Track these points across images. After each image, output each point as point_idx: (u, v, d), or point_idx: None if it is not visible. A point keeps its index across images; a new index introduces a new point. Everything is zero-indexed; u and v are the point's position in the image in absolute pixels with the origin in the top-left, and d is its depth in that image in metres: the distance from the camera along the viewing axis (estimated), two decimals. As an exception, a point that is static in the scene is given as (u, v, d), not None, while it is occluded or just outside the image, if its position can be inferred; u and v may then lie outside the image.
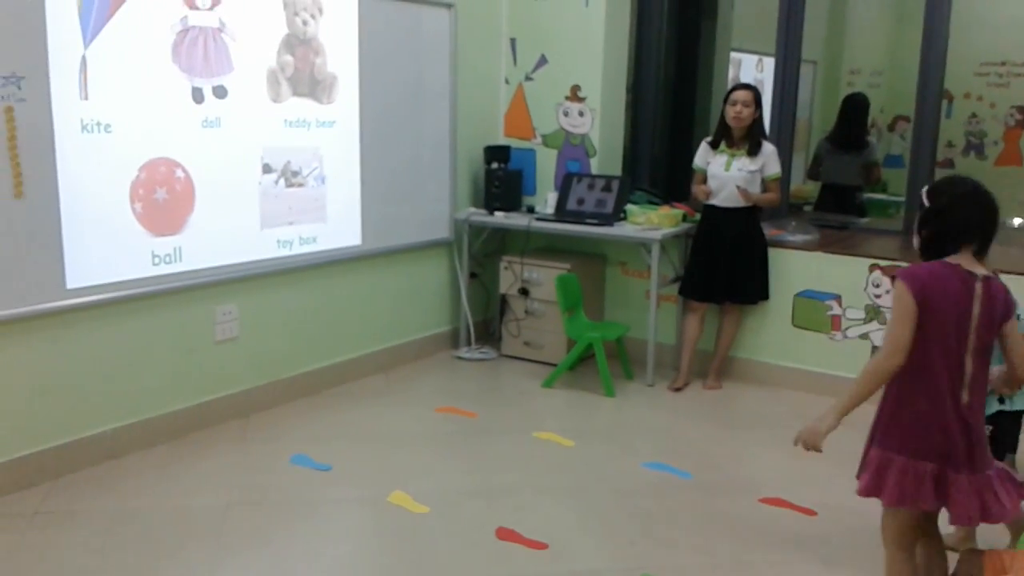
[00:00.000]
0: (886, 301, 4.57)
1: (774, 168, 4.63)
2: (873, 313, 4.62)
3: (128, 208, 3.58)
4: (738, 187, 4.56)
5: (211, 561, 2.93)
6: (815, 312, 4.77)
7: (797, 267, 4.80)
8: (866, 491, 2.49)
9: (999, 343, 2.41)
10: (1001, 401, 2.97)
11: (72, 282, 3.41)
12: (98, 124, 3.43)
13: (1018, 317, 2.52)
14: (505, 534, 3.15)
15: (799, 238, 4.93)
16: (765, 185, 4.66)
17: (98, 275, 3.50)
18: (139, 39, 3.53)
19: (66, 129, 3.32)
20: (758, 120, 4.60)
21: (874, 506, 3.37)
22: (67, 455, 3.48)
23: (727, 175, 4.61)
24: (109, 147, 3.48)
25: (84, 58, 3.36)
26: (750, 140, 4.59)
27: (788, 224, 5.16)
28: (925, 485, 2.37)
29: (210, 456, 3.73)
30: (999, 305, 2.36)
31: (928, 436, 2.37)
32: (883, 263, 4.58)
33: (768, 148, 4.63)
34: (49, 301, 3.35)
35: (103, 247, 3.50)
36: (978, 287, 2.34)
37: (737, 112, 4.54)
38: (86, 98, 3.38)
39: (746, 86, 4.68)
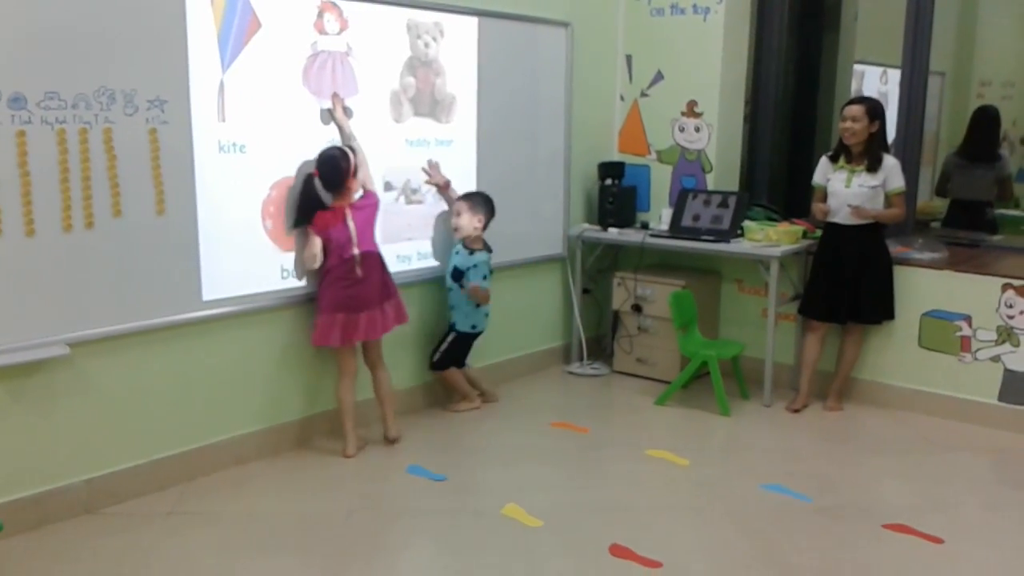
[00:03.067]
0: (1020, 322, 4.36)
1: (897, 182, 4.49)
2: (1006, 335, 4.41)
3: (260, 224, 3.75)
4: (849, 205, 4.44)
5: (332, 565, 3.03)
6: (943, 333, 4.59)
7: (924, 286, 4.63)
8: None
9: None
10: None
11: (208, 294, 3.60)
12: (234, 144, 3.62)
13: None
14: (619, 551, 3.15)
15: (926, 255, 4.76)
16: (888, 200, 4.52)
17: (232, 287, 3.68)
18: (272, 63, 3.71)
19: (205, 149, 3.52)
20: (876, 134, 4.47)
21: (1004, 534, 3.23)
22: (201, 459, 3.67)
23: (847, 191, 4.49)
24: (243, 166, 3.66)
25: (222, 82, 3.55)
26: (869, 155, 4.46)
27: (915, 241, 4.99)
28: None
29: (330, 464, 3.86)
30: None
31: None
32: (1017, 283, 4.37)
33: (890, 162, 4.49)
34: (186, 312, 3.54)
35: (236, 261, 3.68)
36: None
37: (847, 127, 4.43)
38: (223, 120, 3.57)
39: (859, 100, 4.55)
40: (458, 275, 4.43)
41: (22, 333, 3.08)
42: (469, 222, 4.40)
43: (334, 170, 3.80)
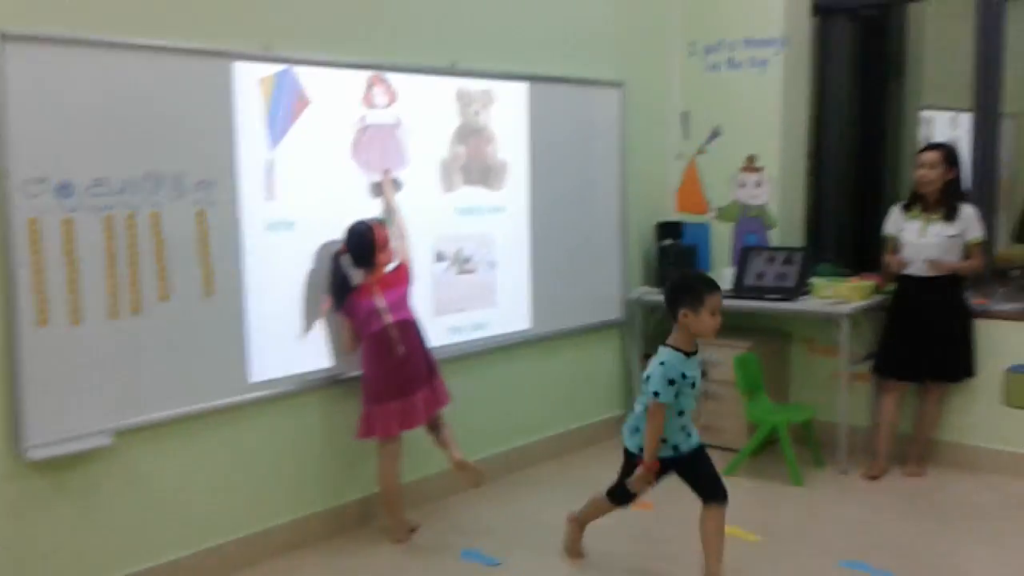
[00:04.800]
0: (1118, 380, 4.05)
1: (976, 232, 4.26)
2: (1102, 393, 4.10)
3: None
4: (927, 260, 4.22)
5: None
6: (1032, 390, 4.30)
7: (1007, 339, 4.37)
8: None
9: None
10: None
11: (255, 376, 3.54)
12: (282, 222, 3.59)
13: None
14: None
15: (1008, 307, 4.49)
16: (967, 250, 4.29)
17: (279, 368, 3.61)
18: (321, 139, 3.69)
19: (252, 229, 3.49)
20: (952, 181, 4.26)
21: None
22: (247, 548, 3.57)
23: (923, 242, 4.28)
24: (291, 243, 3.62)
25: (271, 160, 3.53)
26: (946, 203, 4.25)
27: (995, 291, 4.72)
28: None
29: (381, 551, 3.73)
30: None
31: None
32: (1110, 336, 4.08)
33: (967, 210, 4.27)
34: (233, 395, 3.48)
35: (284, 340, 3.62)
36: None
37: (923, 175, 4.24)
38: (272, 198, 3.55)
39: (935, 146, 4.36)
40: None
41: (66, 424, 3.04)
42: None
43: (361, 244, 3.64)
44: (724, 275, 5.07)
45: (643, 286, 5.25)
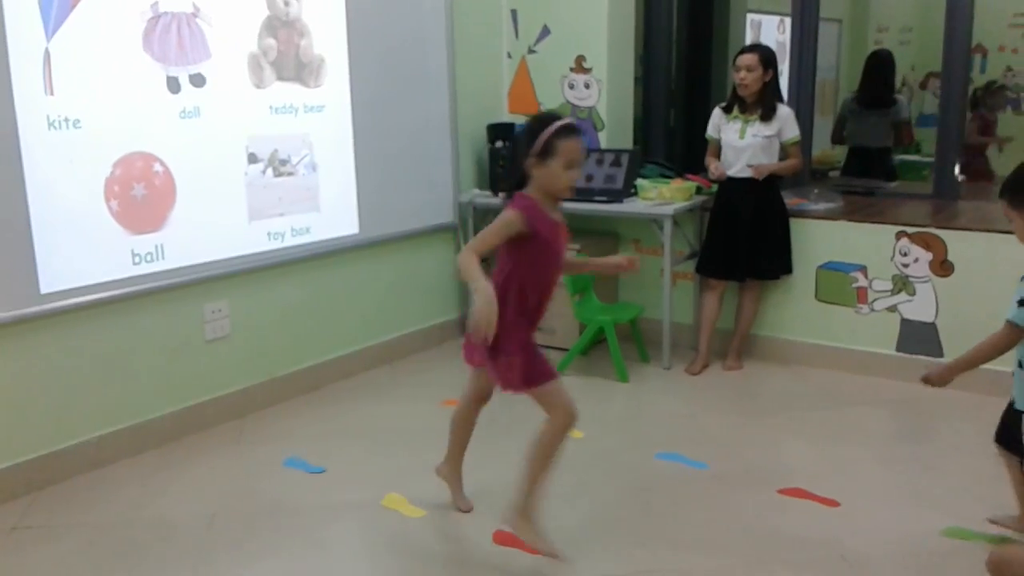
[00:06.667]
0: (915, 270, 4.29)
1: (792, 131, 4.37)
2: (901, 284, 4.34)
3: (103, 206, 3.42)
4: (750, 166, 4.32)
5: (191, 577, 2.78)
6: (839, 285, 4.51)
7: (820, 237, 4.54)
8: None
9: None
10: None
11: (46, 286, 3.27)
12: (66, 120, 3.27)
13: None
14: (504, 537, 2.96)
15: (821, 206, 4.67)
16: (785, 150, 4.40)
17: (74, 278, 3.35)
18: (106, 28, 3.36)
19: (31, 127, 3.16)
20: (770, 83, 4.33)
21: (899, 492, 3.15)
22: (50, 466, 3.35)
23: (742, 143, 4.36)
24: (79, 143, 3.31)
25: (47, 51, 3.19)
26: (763, 104, 4.33)
27: (810, 192, 4.90)
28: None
29: (201, 462, 3.59)
30: None
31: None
32: (911, 230, 4.29)
33: (784, 111, 4.36)
34: (23, 307, 3.20)
35: (78, 248, 3.35)
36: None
37: (742, 78, 4.29)
38: (51, 93, 3.22)
39: (752, 48, 4.41)
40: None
41: None
42: None
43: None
44: (555, 177, 5.04)
45: (475, 188, 5.17)
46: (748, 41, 6.37)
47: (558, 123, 2.65)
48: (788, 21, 5.12)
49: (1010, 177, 2.70)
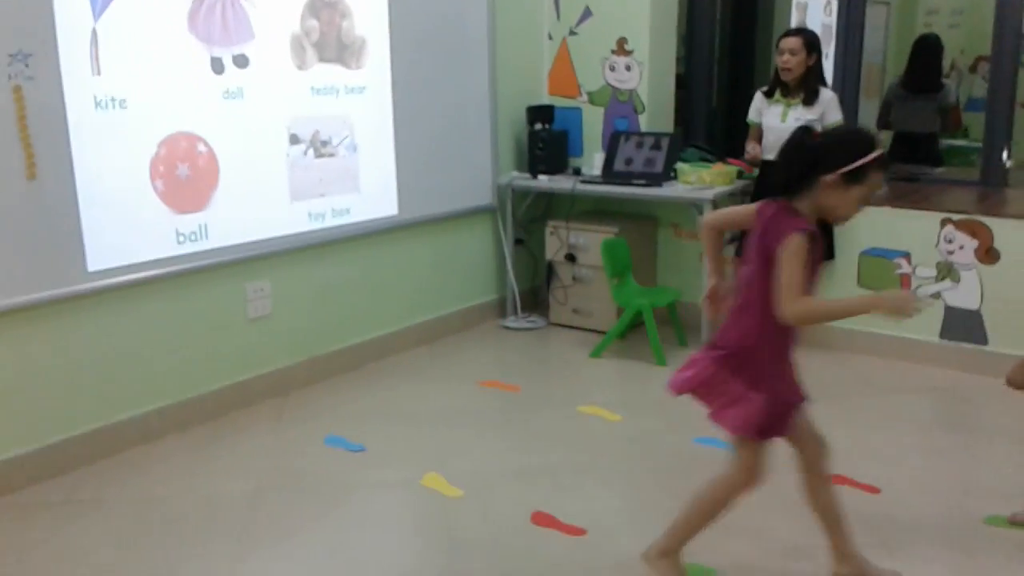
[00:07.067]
0: (960, 257, 4.23)
1: (835, 116, 4.30)
2: (946, 271, 4.27)
3: (149, 186, 3.47)
4: None
5: (235, 551, 2.83)
6: (883, 271, 4.44)
7: (863, 223, 4.45)
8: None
9: None
10: None
11: (94, 264, 3.32)
12: (112, 100, 3.31)
13: None
14: (541, 518, 2.98)
15: (865, 192, 4.59)
16: None
17: (121, 256, 3.40)
18: (152, 9, 3.39)
19: (79, 106, 3.21)
20: (813, 67, 4.27)
21: (941, 480, 3.11)
22: (98, 441, 3.42)
23: (783, 126, 4.30)
24: (125, 123, 3.36)
25: (95, 31, 3.24)
26: (806, 88, 4.27)
27: (854, 177, 4.82)
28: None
29: (244, 439, 3.64)
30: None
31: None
32: (956, 217, 4.22)
33: (827, 95, 4.30)
34: (71, 284, 3.26)
35: (124, 227, 3.40)
36: None
37: (785, 61, 4.24)
38: (98, 73, 3.26)
39: (796, 31, 4.36)
40: None
41: None
42: None
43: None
44: (595, 160, 5.03)
45: (514, 171, 5.17)
46: (794, 23, 6.26)
47: (880, 152, 2.27)
48: (835, 3, 5.04)
49: None
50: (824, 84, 4.38)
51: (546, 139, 5.03)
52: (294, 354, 4.11)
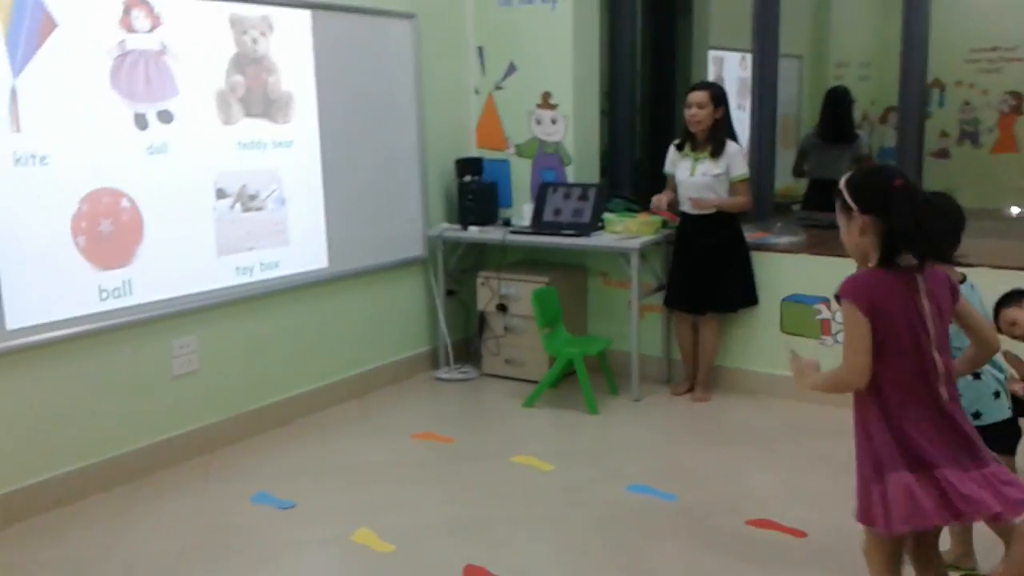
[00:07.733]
0: (876, 302, 4.37)
1: (740, 169, 4.43)
2: (864, 315, 4.41)
3: (71, 242, 3.41)
4: (690, 198, 4.41)
5: (158, 616, 2.75)
6: (803, 317, 4.57)
7: (783, 271, 4.61)
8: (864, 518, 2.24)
9: (958, 324, 2.31)
10: (976, 416, 2.74)
11: (13, 322, 3.25)
12: (32, 156, 3.27)
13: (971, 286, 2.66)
14: (473, 572, 2.96)
15: (784, 240, 4.75)
16: (733, 188, 4.46)
17: (41, 314, 3.33)
18: (74, 66, 3.38)
19: (-3, 163, 3.16)
20: (720, 120, 4.40)
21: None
22: (14, 504, 3.31)
23: (692, 180, 4.44)
24: (46, 180, 3.31)
25: (14, 88, 3.20)
26: (713, 141, 4.40)
27: (773, 225, 4.98)
28: (921, 501, 2.13)
29: (169, 498, 3.56)
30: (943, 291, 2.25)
31: (908, 447, 2.18)
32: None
33: (733, 148, 4.43)
34: (-13, 344, 3.18)
35: (45, 284, 3.34)
36: (920, 281, 2.20)
37: (692, 115, 4.37)
38: (18, 130, 3.22)
39: (702, 86, 4.51)
40: None
41: None
42: None
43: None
44: (524, 211, 5.10)
45: (444, 223, 5.21)
46: (711, 77, 6.50)
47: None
48: (750, 57, 5.24)
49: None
50: (732, 137, 4.50)
51: (475, 191, 5.09)
52: (221, 410, 4.04)
